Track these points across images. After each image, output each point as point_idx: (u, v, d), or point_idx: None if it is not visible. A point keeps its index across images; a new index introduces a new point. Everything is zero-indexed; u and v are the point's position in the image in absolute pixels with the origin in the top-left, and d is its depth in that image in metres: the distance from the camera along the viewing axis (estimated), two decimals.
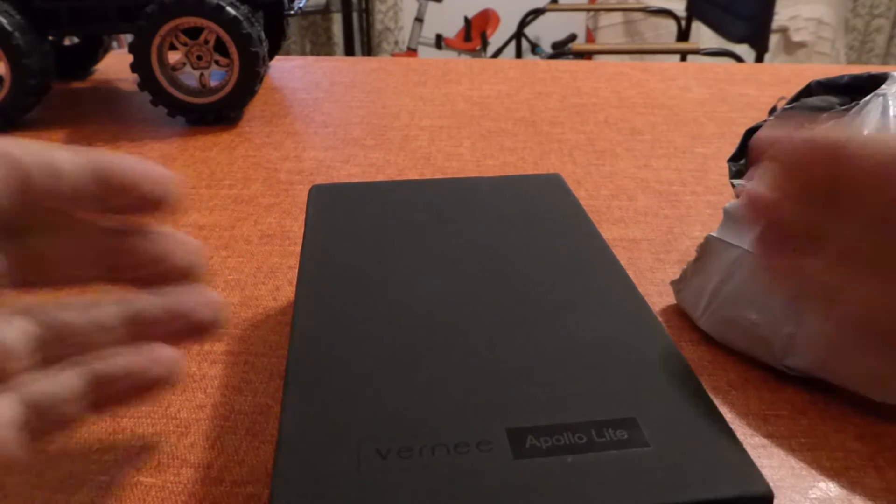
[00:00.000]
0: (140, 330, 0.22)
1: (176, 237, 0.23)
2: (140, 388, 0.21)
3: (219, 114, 0.52)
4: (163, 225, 0.23)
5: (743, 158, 0.32)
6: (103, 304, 0.22)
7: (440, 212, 0.28)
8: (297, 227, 0.39)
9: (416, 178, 0.45)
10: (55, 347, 0.21)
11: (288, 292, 0.33)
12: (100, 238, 0.22)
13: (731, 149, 0.32)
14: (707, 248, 0.29)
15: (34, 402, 0.20)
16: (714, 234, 0.29)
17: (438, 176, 0.45)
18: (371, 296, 0.23)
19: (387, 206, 0.28)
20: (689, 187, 0.43)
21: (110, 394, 0.21)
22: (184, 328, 0.22)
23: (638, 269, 0.35)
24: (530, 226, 0.27)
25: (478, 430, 0.17)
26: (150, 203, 0.22)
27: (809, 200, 0.20)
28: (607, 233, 0.38)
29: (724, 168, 0.46)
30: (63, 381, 0.21)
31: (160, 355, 0.22)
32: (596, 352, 0.20)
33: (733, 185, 0.31)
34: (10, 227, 0.21)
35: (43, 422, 0.20)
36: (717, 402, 0.26)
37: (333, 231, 0.27)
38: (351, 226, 0.27)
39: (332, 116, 0.55)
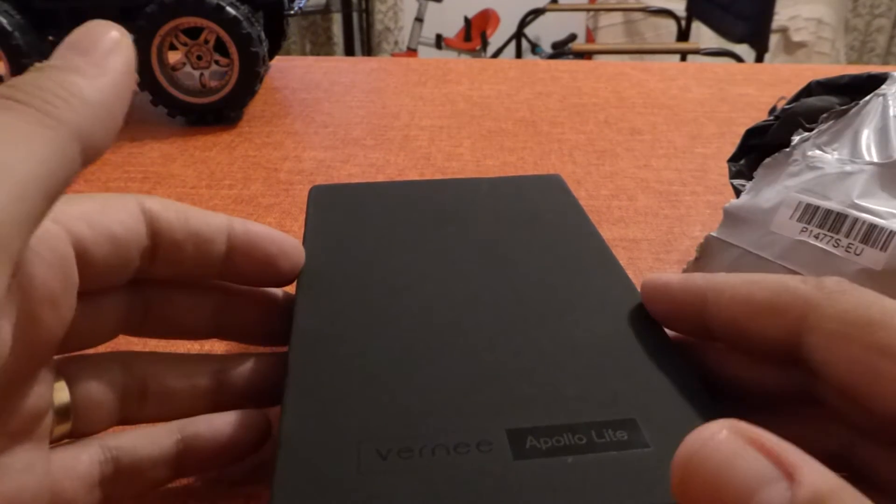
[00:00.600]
0: (227, 391, 0.22)
1: (284, 296, 0.24)
2: (226, 451, 0.21)
3: (219, 114, 0.52)
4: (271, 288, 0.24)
5: (743, 158, 0.32)
6: (197, 364, 0.22)
7: (440, 212, 0.28)
8: (297, 227, 0.39)
9: (416, 178, 0.45)
10: (145, 403, 0.21)
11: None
12: (215, 296, 0.23)
13: (731, 149, 0.32)
14: (707, 247, 0.29)
15: (118, 458, 0.19)
16: (714, 233, 0.29)
17: (438, 176, 0.45)
18: (371, 296, 0.23)
19: (387, 207, 0.28)
20: (689, 187, 0.43)
21: (196, 457, 0.21)
22: (270, 393, 0.22)
23: (638, 269, 0.35)
24: (530, 226, 0.27)
25: (478, 431, 0.17)
26: (277, 277, 0.22)
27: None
28: (607, 233, 0.38)
29: (724, 168, 0.45)
30: (153, 440, 0.20)
31: (247, 418, 0.21)
32: (596, 352, 0.20)
33: (733, 186, 0.31)
34: (134, 279, 0.20)
35: (124, 481, 0.20)
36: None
37: (333, 231, 0.27)
38: (351, 226, 0.27)
39: (332, 116, 0.55)
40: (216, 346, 0.29)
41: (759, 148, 0.31)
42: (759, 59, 1.54)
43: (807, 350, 0.17)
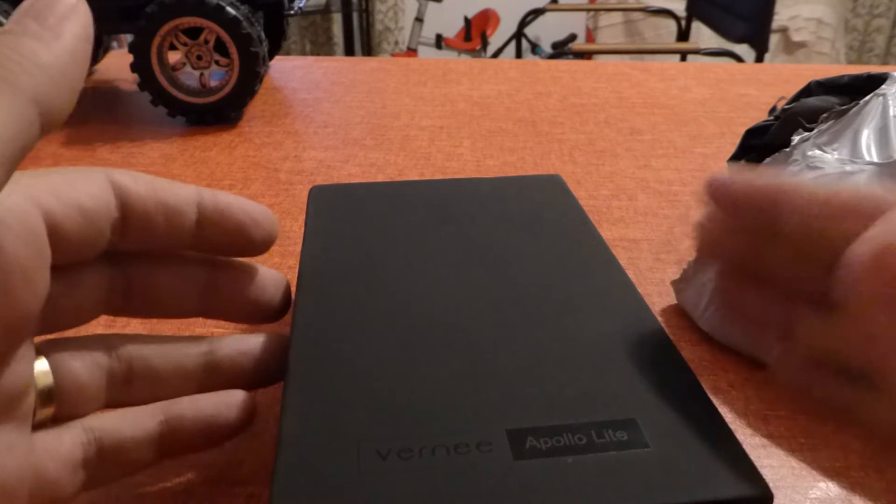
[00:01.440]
0: (214, 373, 0.22)
1: (268, 274, 0.24)
2: (211, 433, 0.21)
3: (219, 114, 0.52)
4: (251, 260, 0.23)
5: (743, 158, 0.32)
6: (184, 346, 0.22)
7: (440, 212, 0.28)
8: (297, 227, 0.39)
9: (416, 178, 0.45)
10: (130, 385, 0.21)
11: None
12: (197, 271, 0.22)
13: (731, 149, 0.32)
14: None
15: (101, 440, 0.19)
16: None
17: (438, 176, 0.45)
18: (371, 296, 0.23)
19: (387, 207, 0.28)
20: (689, 187, 0.43)
21: (180, 439, 0.20)
22: (256, 374, 0.22)
23: (638, 269, 0.35)
24: (530, 226, 0.27)
25: (478, 431, 0.17)
26: (251, 246, 0.22)
27: (753, 237, 0.20)
28: (607, 233, 0.38)
29: (724, 168, 0.45)
30: (136, 422, 0.20)
31: (232, 399, 0.21)
32: (596, 352, 0.20)
33: None
34: (111, 255, 0.20)
35: (107, 463, 0.19)
36: (717, 402, 0.26)
37: (333, 231, 0.27)
38: (351, 226, 0.27)
39: (332, 116, 0.55)
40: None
41: (759, 148, 0.31)
42: (759, 59, 1.54)
43: None
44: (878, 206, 0.17)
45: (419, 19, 2.42)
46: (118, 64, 0.67)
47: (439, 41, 2.42)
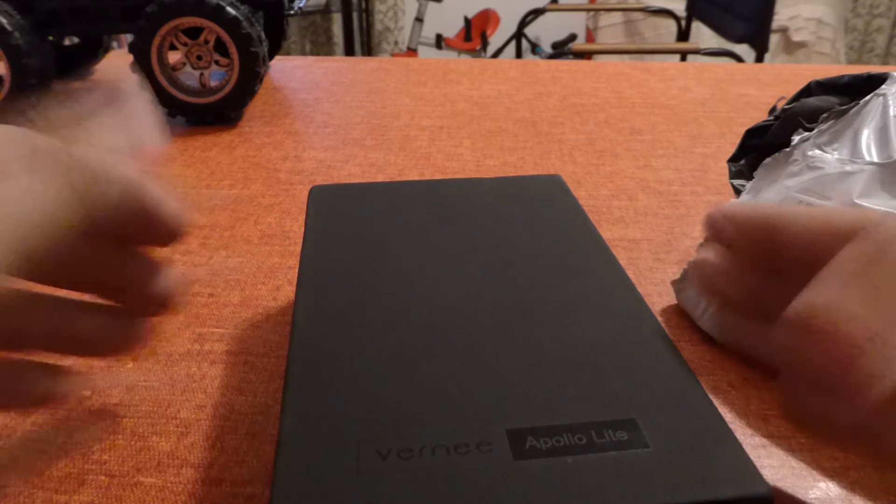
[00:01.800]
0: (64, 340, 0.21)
1: (165, 270, 0.23)
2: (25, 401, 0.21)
3: (219, 114, 0.52)
4: (153, 251, 0.23)
5: (743, 158, 0.32)
6: (41, 304, 0.21)
7: (440, 212, 0.28)
8: (297, 227, 0.39)
9: (416, 178, 0.45)
10: None
11: (288, 292, 0.33)
12: (94, 250, 0.22)
13: (731, 149, 0.32)
14: None
15: None
16: None
17: (438, 176, 0.45)
18: (371, 296, 0.23)
19: (387, 207, 0.28)
20: (689, 187, 0.43)
21: None
22: (104, 351, 0.22)
23: (638, 269, 0.35)
24: (530, 226, 0.27)
25: (478, 431, 0.17)
26: (161, 238, 0.22)
27: (753, 272, 0.21)
28: (607, 233, 0.38)
29: (724, 168, 0.46)
30: None
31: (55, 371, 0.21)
32: (596, 352, 0.20)
33: (733, 186, 0.31)
34: None
35: None
36: (717, 402, 0.26)
37: (333, 231, 0.27)
38: (351, 226, 0.27)
39: (332, 116, 0.55)
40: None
41: (759, 148, 0.31)
42: (759, 59, 1.54)
43: None
44: (875, 227, 0.17)
45: (419, 19, 2.42)
46: (118, 64, 0.67)
47: (439, 41, 2.42)
